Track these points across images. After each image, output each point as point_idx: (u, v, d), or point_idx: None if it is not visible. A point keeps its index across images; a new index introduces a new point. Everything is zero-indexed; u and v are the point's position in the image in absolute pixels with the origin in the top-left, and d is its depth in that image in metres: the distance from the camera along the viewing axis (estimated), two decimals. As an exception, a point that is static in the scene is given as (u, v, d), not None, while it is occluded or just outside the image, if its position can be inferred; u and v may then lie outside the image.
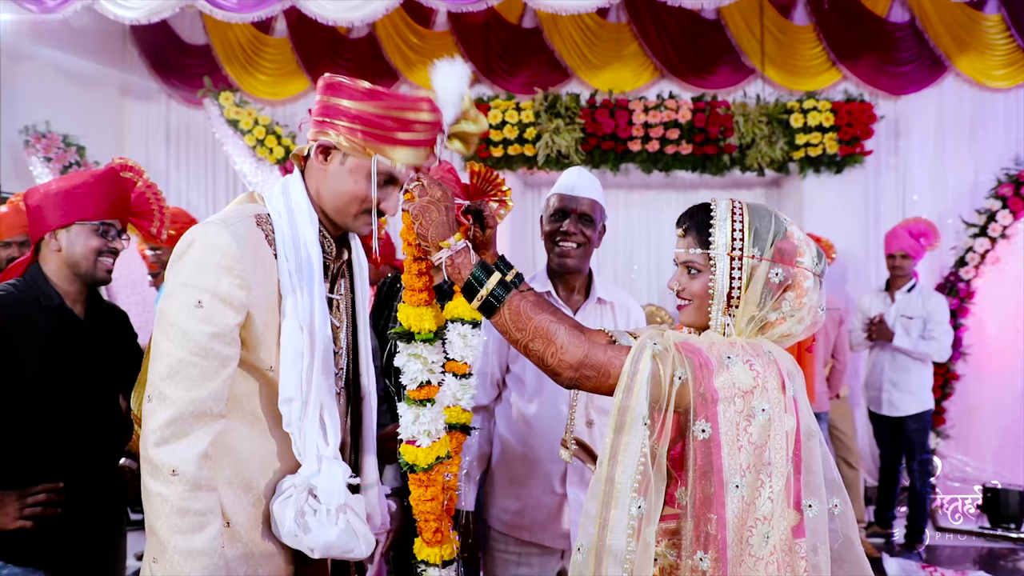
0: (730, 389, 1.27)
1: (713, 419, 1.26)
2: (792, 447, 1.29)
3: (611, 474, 1.28)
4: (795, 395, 1.31)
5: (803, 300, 1.38)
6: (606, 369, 1.33)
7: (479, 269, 1.38)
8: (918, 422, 4.50)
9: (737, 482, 1.25)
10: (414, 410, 1.48)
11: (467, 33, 5.87)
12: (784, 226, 1.39)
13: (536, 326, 1.34)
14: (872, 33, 5.65)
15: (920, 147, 5.70)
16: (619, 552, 1.25)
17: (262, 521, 1.44)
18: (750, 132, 5.23)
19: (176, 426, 1.30)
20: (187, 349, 1.31)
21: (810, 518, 1.28)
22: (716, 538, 1.25)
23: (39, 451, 1.88)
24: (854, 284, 5.46)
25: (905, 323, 4.49)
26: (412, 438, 1.48)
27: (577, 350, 1.33)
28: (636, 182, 5.71)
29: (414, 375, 1.47)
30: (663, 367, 1.28)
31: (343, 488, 1.41)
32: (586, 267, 2.24)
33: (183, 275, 1.35)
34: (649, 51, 5.80)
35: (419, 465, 1.48)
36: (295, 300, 1.41)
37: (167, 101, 6.20)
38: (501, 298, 1.36)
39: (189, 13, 5.74)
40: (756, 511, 1.25)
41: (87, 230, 1.95)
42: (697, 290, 1.41)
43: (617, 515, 1.26)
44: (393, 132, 1.40)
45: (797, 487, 1.29)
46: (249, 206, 1.48)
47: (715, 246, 1.38)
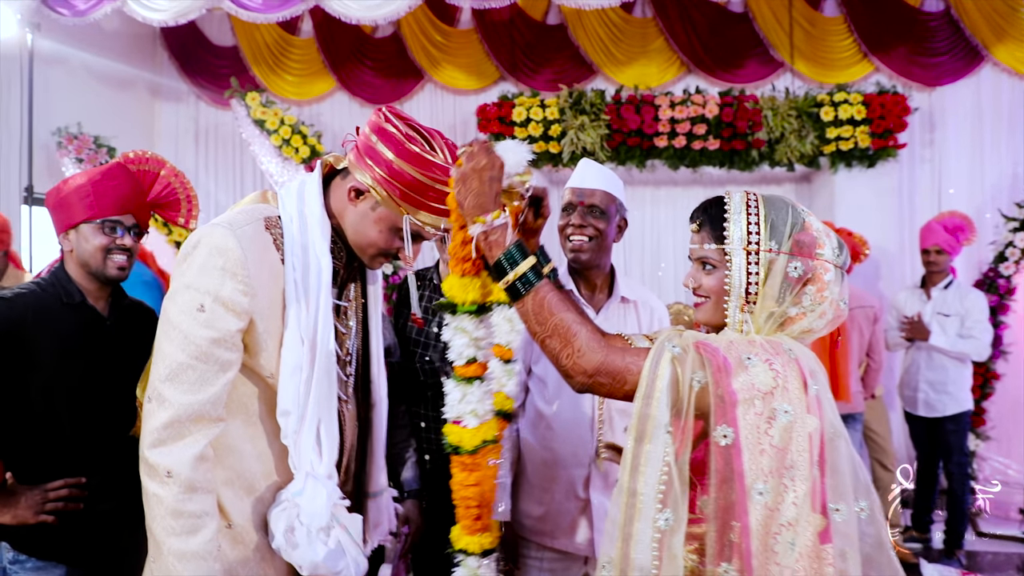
0: (749, 391, 1.22)
1: (733, 423, 1.21)
2: (816, 448, 1.24)
3: (633, 486, 1.23)
4: (818, 394, 1.25)
5: (824, 294, 1.32)
6: (623, 376, 1.28)
7: (515, 249, 1.32)
8: (956, 423, 4.37)
9: (760, 488, 1.20)
10: (461, 388, 1.41)
11: (491, 30, 5.86)
12: (802, 217, 1.34)
13: (557, 323, 1.30)
14: (905, 23, 5.52)
15: (956, 139, 5.56)
16: (645, 566, 1.21)
17: (264, 523, 1.43)
18: (779, 126, 5.13)
19: (173, 428, 1.30)
20: (187, 352, 1.30)
21: (837, 522, 1.23)
22: (740, 547, 1.21)
23: (61, 446, 1.90)
24: (888, 281, 5.33)
25: (942, 321, 4.37)
26: (458, 418, 1.41)
27: (594, 356, 1.28)
28: (663, 178, 5.64)
29: (460, 350, 1.40)
30: (682, 371, 1.24)
31: (326, 510, 1.38)
32: (604, 262, 2.18)
33: (187, 277, 1.33)
34: (675, 46, 5.73)
35: (464, 447, 1.40)
36: (298, 311, 1.39)
37: (196, 102, 6.28)
38: (530, 285, 1.31)
39: (217, 15, 5.81)
40: (780, 517, 1.20)
41: (92, 228, 1.95)
42: (713, 287, 1.36)
43: (641, 528, 1.22)
44: (430, 200, 1.40)
45: (823, 490, 1.24)
46: (260, 207, 1.46)
47: (730, 240, 1.33)
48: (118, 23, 5.45)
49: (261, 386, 1.41)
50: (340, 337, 1.50)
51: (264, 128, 5.36)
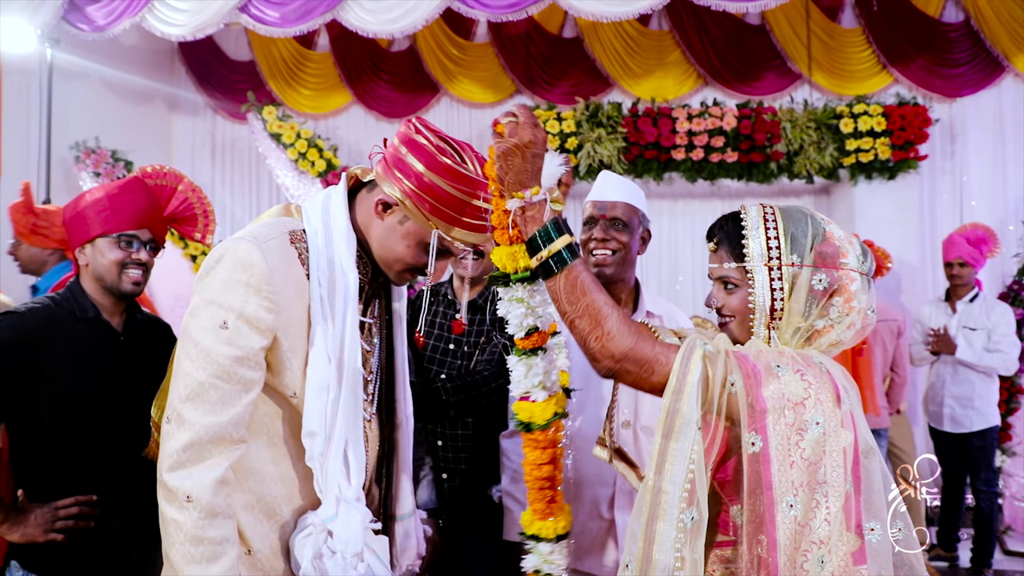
0: (780, 400, 1.17)
1: (763, 432, 1.17)
2: (851, 465, 1.20)
3: (658, 484, 1.19)
4: (851, 409, 1.21)
5: (852, 304, 1.28)
6: (650, 365, 1.24)
7: (552, 226, 1.27)
8: (983, 439, 4.28)
9: (790, 501, 1.16)
10: (525, 361, 1.34)
11: (507, 44, 5.85)
12: (822, 227, 1.30)
13: (589, 304, 1.25)
14: (924, 34, 5.47)
15: (978, 150, 5.49)
16: (667, 567, 1.17)
17: (286, 549, 1.38)
18: (798, 138, 5.08)
19: (193, 451, 1.26)
20: (209, 371, 1.26)
21: (872, 543, 1.18)
22: (767, 562, 1.16)
23: (73, 463, 1.88)
24: (910, 294, 5.26)
25: (968, 335, 4.29)
26: (526, 393, 1.35)
27: (624, 341, 1.24)
28: (680, 191, 5.60)
29: (519, 320, 1.33)
30: (713, 370, 1.20)
31: (360, 534, 1.34)
32: (629, 276, 2.13)
33: (209, 292, 1.29)
34: (692, 58, 5.71)
35: (535, 423, 1.35)
36: (325, 328, 1.34)
37: (213, 116, 6.32)
38: (564, 263, 1.26)
39: (235, 30, 5.84)
40: (811, 534, 1.16)
41: (108, 243, 1.94)
42: (737, 306, 1.32)
43: (664, 528, 1.18)
44: (460, 214, 1.36)
45: (858, 509, 1.19)
46: (284, 220, 1.42)
47: (750, 257, 1.29)
48: (136, 38, 5.50)
49: (284, 406, 1.37)
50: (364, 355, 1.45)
51: (280, 142, 5.37)
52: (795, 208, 1.33)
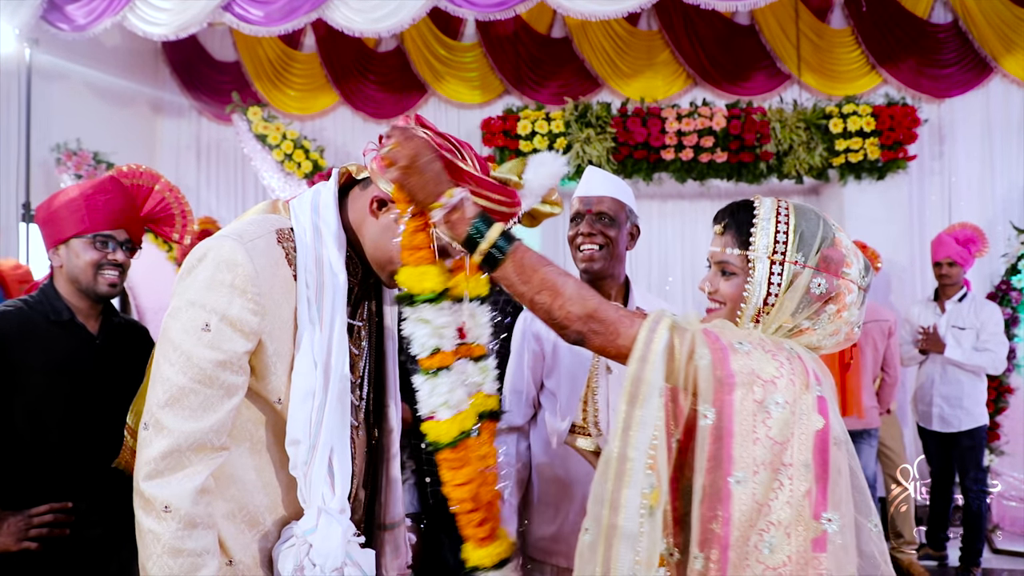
0: (748, 375, 1.16)
1: (727, 406, 1.15)
2: (820, 451, 1.17)
3: (624, 451, 1.17)
4: (824, 397, 1.19)
5: (843, 315, 1.26)
6: (615, 327, 1.22)
7: (480, 220, 1.25)
8: (972, 438, 4.27)
9: (746, 477, 1.14)
10: (430, 381, 1.31)
11: (496, 44, 5.83)
12: (832, 232, 1.28)
13: (543, 277, 1.24)
14: (913, 35, 5.49)
15: (966, 151, 5.51)
16: (631, 534, 1.15)
17: (269, 560, 1.32)
18: (787, 138, 5.07)
19: (172, 458, 1.20)
20: (189, 375, 1.20)
21: (830, 532, 1.16)
22: (719, 536, 1.14)
23: (47, 470, 1.83)
24: (899, 294, 5.26)
25: (957, 334, 4.29)
26: (431, 412, 1.31)
27: (587, 303, 1.23)
28: (670, 192, 5.58)
29: (423, 341, 1.30)
30: (679, 341, 1.19)
31: (340, 548, 1.28)
32: (617, 272, 2.10)
33: (191, 293, 1.23)
34: (681, 58, 5.70)
35: (442, 441, 1.31)
36: (312, 332, 1.29)
37: (198, 118, 6.26)
38: (504, 249, 1.25)
39: (219, 30, 5.79)
40: (771, 514, 1.14)
41: (83, 243, 1.90)
42: (731, 293, 1.30)
43: (630, 494, 1.16)
44: None
45: (822, 496, 1.17)
46: (271, 218, 1.36)
47: (755, 248, 1.27)
48: (119, 39, 5.44)
49: (269, 412, 1.32)
50: (352, 359, 1.40)
51: (266, 143, 5.32)
52: (809, 208, 1.31)
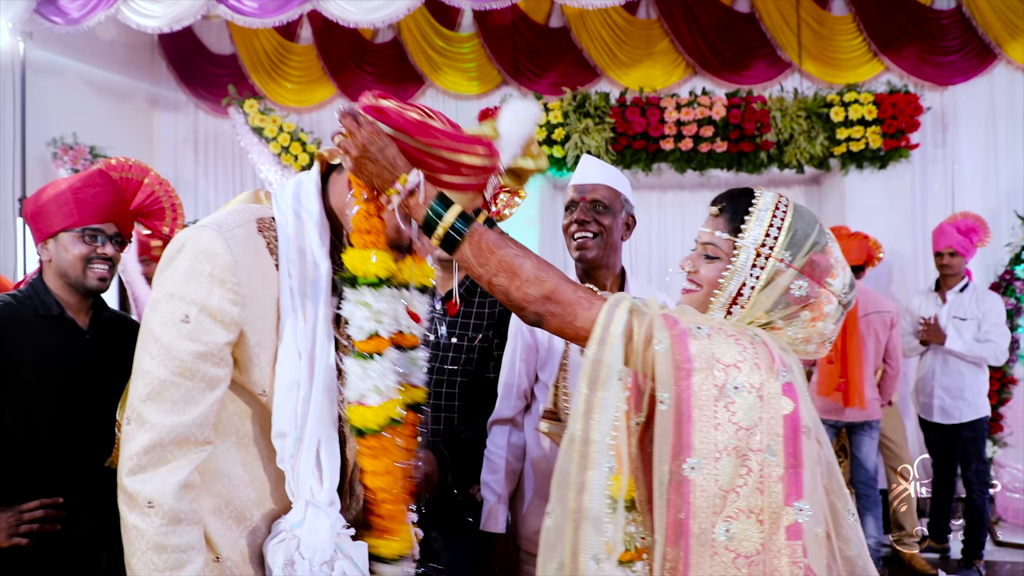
0: (708, 359, 1.13)
1: (685, 391, 1.13)
2: (791, 437, 1.15)
3: (586, 433, 1.16)
4: (793, 383, 1.17)
5: (817, 324, 1.24)
6: (573, 308, 1.21)
7: (437, 203, 1.24)
8: (973, 430, 4.25)
9: (701, 464, 1.12)
10: (361, 364, 1.31)
11: (493, 34, 5.78)
12: (826, 240, 1.26)
13: (500, 259, 1.22)
14: (915, 22, 5.42)
15: (969, 139, 5.45)
16: (597, 516, 1.14)
17: (259, 556, 1.31)
18: (788, 127, 5.02)
19: (155, 453, 1.18)
20: (170, 368, 1.19)
21: (802, 522, 1.14)
22: (683, 525, 1.13)
23: (38, 465, 1.83)
24: (900, 284, 5.22)
25: (958, 325, 4.25)
26: (360, 397, 1.31)
27: (545, 283, 1.21)
28: (669, 182, 5.54)
29: (360, 324, 1.30)
30: (638, 324, 1.17)
31: (329, 541, 1.26)
32: (613, 262, 2.07)
33: (170, 284, 1.21)
34: (681, 47, 5.64)
35: (368, 427, 1.30)
36: (295, 322, 1.27)
37: (195, 111, 6.23)
38: (462, 231, 1.24)
39: (216, 23, 5.76)
40: (739, 500, 1.12)
41: (72, 237, 1.89)
42: (709, 277, 1.28)
43: (594, 476, 1.15)
44: (441, 173, 1.27)
45: (794, 483, 1.14)
46: (252, 207, 1.34)
47: (745, 236, 1.25)
48: (115, 32, 5.40)
49: (254, 405, 1.30)
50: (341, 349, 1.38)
51: (263, 136, 5.29)
52: (809, 212, 1.30)
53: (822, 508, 1.19)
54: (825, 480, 1.22)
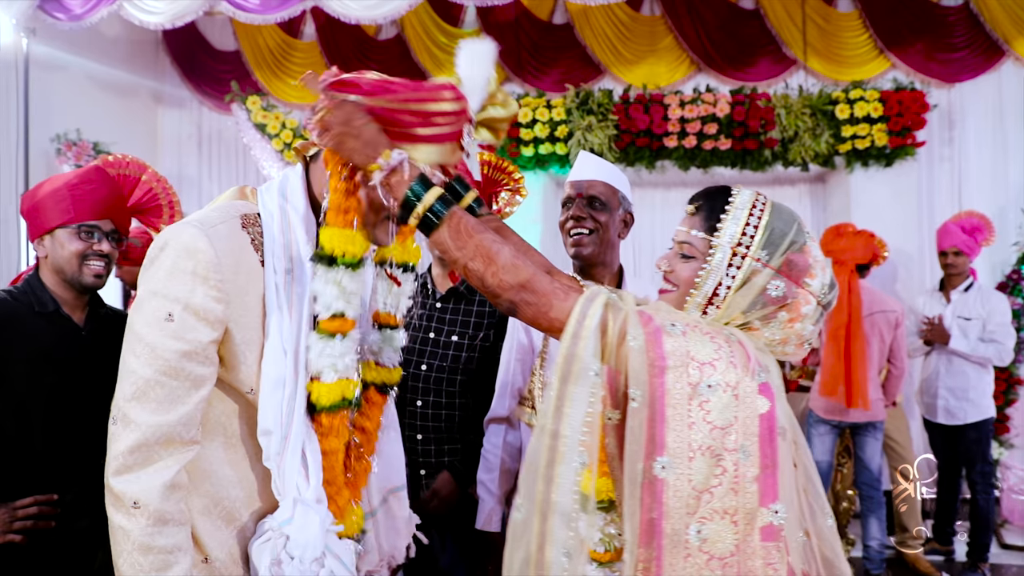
0: (682, 357, 1.12)
1: (659, 388, 1.11)
2: (768, 438, 1.14)
3: (556, 427, 1.15)
4: (770, 383, 1.15)
5: (795, 326, 1.23)
6: (548, 299, 1.19)
7: (418, 183, 1.22)
8: (978, 431, 4.20)
9: (671, 463, 1.10)
10: (323, 341, 1.30)
11: (496, 31, 5.76)
12: (804, 239, 1.25)
13: (477, 244, 1.21)
14: (922, 18, 5.37)
15: (977, 137, 5.39)
16: (566, 511, 1.13)
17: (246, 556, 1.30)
18: (793, 125, 4.99)
19: (140, 453, 1.18)
20: (155, 367, 1.18)
21: (776, 524, 1.13)
22: (656, 525, 1.11)
23: (33, 461, 1.82)
24: (906, 284, 5.18)
25: (962, 324, 4.21)
26: (317, 373, 1.30)
27: (521, 272, 1.20)
28: (673, 180, 5.51)
29: (328, 302, 1.29)
30: (613, 319, 1.15)
31: (319, 538, 1.25)
32: (610, 259, 2.05)
33: (153, 283, 1.21)
34: (685, 44, 5.61)
35: (320, 403, 1.29)
36: (280, 318, 1.26)
37: (199, 108, 6.24)
38: (440, 214, 1.21)
39: (219, 20, 5.76)
40: (713, 500, 1.11)
41: (68, 234, 1.89)
42: (685, 276, 1.27)
43: (563, 471, 1.14)
44: (412, 127, 1.25)
45: (769, 485, 1.13)
46: (236, 203, 1.34)
47: (720, 234, 1.24)
48: (119, 29, 5.41)
49: (241, 403, 1.29)
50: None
51: (265, 132, 5.29)
52: (787, 210, 1.28)
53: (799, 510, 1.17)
54: (802, 481, 1.21)
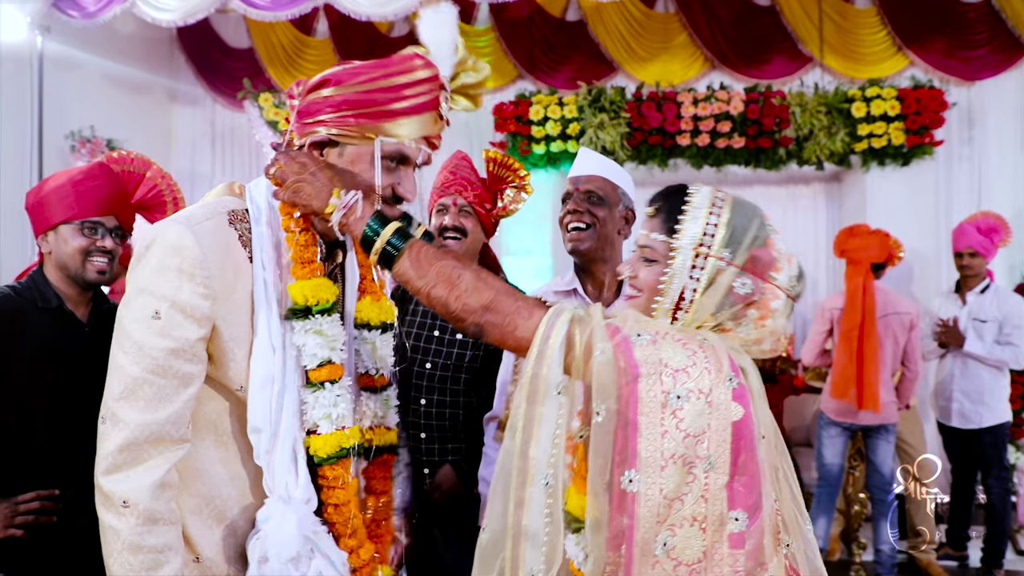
0: (655, 364, 1.10)
1: (632, 396, 1.10)
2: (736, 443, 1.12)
3: (525, 449, 1.14)
4: (744, 386, 1.14)
5: (766, 322, 1.21)
6: (512, 319, 1.18)
7: (374, 220, 1.25)
8: (993, 435, 4.13)
9: (652, 474, 1.09)
10: (315, 393, 1.30)
11: (509, 28, 5.74)
12: (767, 233, 1.22)
13: (438, 271, 1.21)
14: (942, 15, 5.28)
15: (997, 136, 5.30)
16: (536, 533, 1.13)
17: (240, 555, 1.29)
18: (808, 123, 4.93)
19: (129, 452, 1.17)
20: (143, 366, 1.18)
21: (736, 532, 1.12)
22: (626, 534, 1.10)
23: (35, 457, 1.83)
24: (922, 285, 5.10)
25: (978, 327, 4.14)
26: (313, 426, 1.30)
27: (483, 293, 1.20)
28: (686, 179, 5.46)
29: (314, 352, 1.29)
30: (579, 334, 1.14)
31: (295, 538, 1.24)
32: (609, 255, 2.02)
33: (140, 280, 1.21)
34: (699, 41, 5.56)
35: (319, 455, 1.29)
36: (269, 315, 1.26)
37: (213, 105, 6.27)
38: (399, 246, 1.24)
39: (233, 17, 5.78)
40: (683, 508, 1.09)
41: (72, 230, 1.89)
42: (649, 281, 1.24)
43: (533, 493, 1.13)
44: (388, 104, 1.24)
45: (740, 492, 1.12)
46: (225, 199, 1.33)
47: (680, 236, 1.22)
48: (134, 27, 5.45)
49: (232, 400, 1.29)
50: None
51: (277, 129, 5.31)
52: (749, 205, 1.25)
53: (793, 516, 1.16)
54: (785, 487, 1.20)
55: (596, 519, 1.12)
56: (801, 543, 1.20)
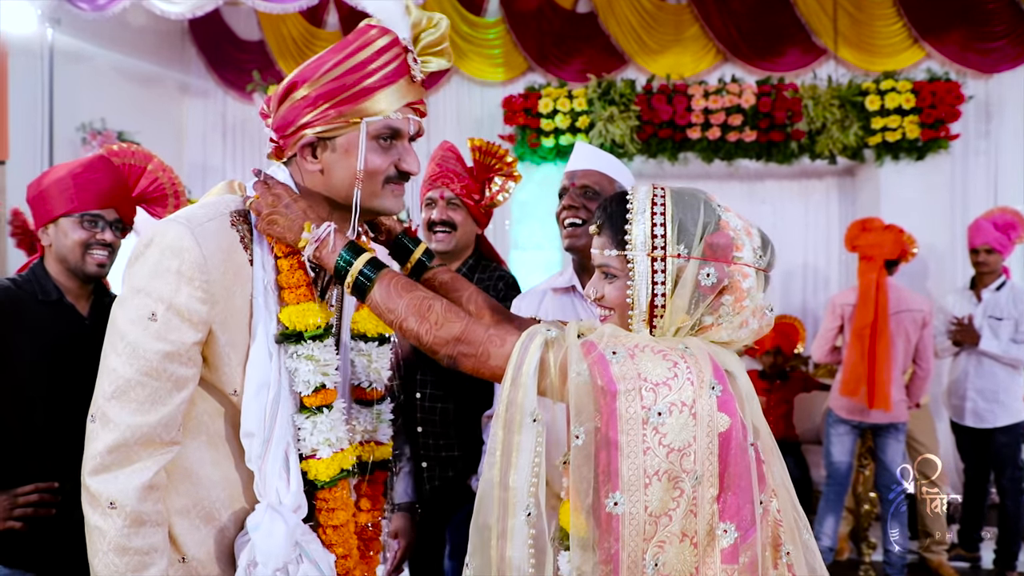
0: (633, 380, 1.08)
1: (612, 415, 1.07)
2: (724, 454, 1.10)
3: (504, 479, 1.13)
4: (730, 394, 1.11)
5: (744, 303, 1.18)
6: (485, 348, 1.17)
7: (346, 251, 1.24)
8: (1008, 435, 4.07)
9: (635, 493, 1.07)
10: (312, 419, 1.29)
11: (519, 20, 5.71)
12: (716, 215, 1.19)
13: (408, 302, 1.21)
14: (959, 6, 5.20)
15: (1014, 130, 5.23)
16: (520, 565, 1.11)
17: (227, 555, 1.28)
18: (820, 116, 4.86)
19: (119, 453, 1.16)
20: (136, 367, 1.16)
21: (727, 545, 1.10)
22: (614, 555, 1.08)
23: (34, 450, 1.83)
24: (937, 281, 5.03)
25: (993, 325, 4.08)
26: (312, 451, 1.29)
27: (454, 325, 1.19)
28: (696, 172, 5.40)
29: (307, 378, 1.27)
30: (554, 356, 1.13)
31: (282, 547, 1.23)
32: None
33: (137, 280, 1.19)
34: (711, 33, 5.50)
35: (320, 479, 1.28)
36: (267, 321, 1.24)
37: (224, 98, 6.27)
38: (371, 277, 1.23)
39: (244, 10, 5.77)
40: (671, 524, 1.07)
41: (72, 222, 1.89)
42: (615, 298, 1.21)
43: (516, 524, 1.12)
44: (360, 83, 1.23)
45: (730, 503, 1.10)
46: (227, 198, 1.31)
47: (632, 245, 1.19)
48: (145, 19, 5.46)
49: (225, 403, 1.27)
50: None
51: (286, 122, 5.29)
52: (689, 192, 1.22)
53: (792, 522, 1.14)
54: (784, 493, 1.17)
55: (583, 540, 1.11)
56: (801, 551, 1.17)
